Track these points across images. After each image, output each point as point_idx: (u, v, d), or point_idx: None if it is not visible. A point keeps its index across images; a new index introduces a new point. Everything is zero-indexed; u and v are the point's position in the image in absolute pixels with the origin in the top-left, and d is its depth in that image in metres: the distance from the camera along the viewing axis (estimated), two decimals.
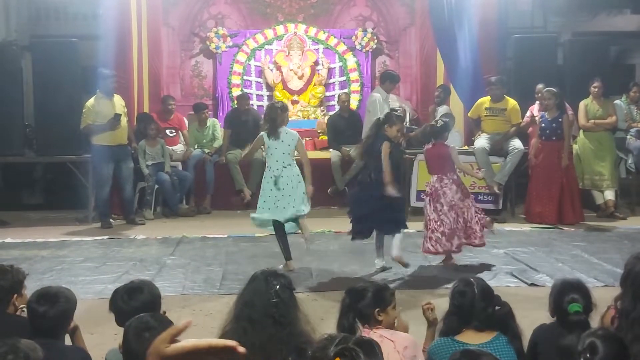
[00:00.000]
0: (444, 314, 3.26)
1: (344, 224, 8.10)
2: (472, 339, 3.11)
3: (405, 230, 6.37)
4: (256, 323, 3.03)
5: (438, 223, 6.11)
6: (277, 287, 3.08)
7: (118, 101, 8.59)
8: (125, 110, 8.73)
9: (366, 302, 3.30)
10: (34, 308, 3.12)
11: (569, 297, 3.23)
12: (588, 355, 2.44)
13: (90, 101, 8.46)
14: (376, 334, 3.22)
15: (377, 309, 3.29)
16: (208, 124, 9.79)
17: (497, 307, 3.18)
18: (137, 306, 3.17)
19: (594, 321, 3.35)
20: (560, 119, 8.30)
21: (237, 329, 3.07)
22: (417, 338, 3.45)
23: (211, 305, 5.24)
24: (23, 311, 3.47)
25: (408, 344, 3.23)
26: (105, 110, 8.39)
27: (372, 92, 9.69)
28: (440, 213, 6.12)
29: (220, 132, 9.80)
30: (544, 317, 3.49)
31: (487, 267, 6.37)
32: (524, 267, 6.31)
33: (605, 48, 10.02)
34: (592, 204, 8.96)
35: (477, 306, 3.13)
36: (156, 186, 9.06)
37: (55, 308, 3.13)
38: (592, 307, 3.27)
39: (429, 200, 6.23)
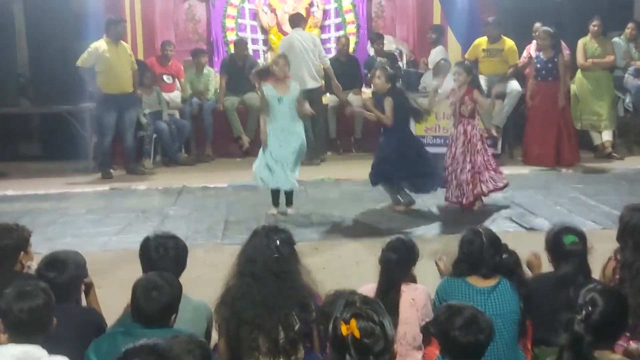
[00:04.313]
0: (454, 260, 3.34)
1: (342, 171, 8.18)
2: (478, 283, 3.21)
3: None
4: (259, 278, 3.09)
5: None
6: (278, 242, 3.14)
7: (124, 48, 8.48)
8: (132, 57, 8.64)
9: (411, 258, 3.38)
10: (43, 275, 3.15)
11: (566, 234, 3.32)
12: (589, 308, 2.52)
13: (96, 44, 8.27)
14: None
15: (413, 267, 3.41)
16: (205, 72, 9.69)
17: (504, 256, 3.26)
18: (168, 258, 3.25)
19: (595, 272, 3.42)
20: (555, 59, 8.25)
21: (241, 285, 3.14)
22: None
23: (214, 256, 5.28)
24: (29, 268, 3.53)
25: (425, 300, 3.33)
26: (110, 57, 8.26)
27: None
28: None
29: (214, 83, 9.70)
30: (543, 261, 3.58)
31: (487, 211, 6.40)
32: (523, 211, 6.37)
33: None
34: (590, 144, 8.98)
35: (486, 254, 3.22)
36: (154, 135, 9.03)
37: (64, 275, 3.17)
38: (588, 250, 3.35)
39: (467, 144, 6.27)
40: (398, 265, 3.31)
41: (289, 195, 6.53)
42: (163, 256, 3.26)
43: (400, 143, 6.24)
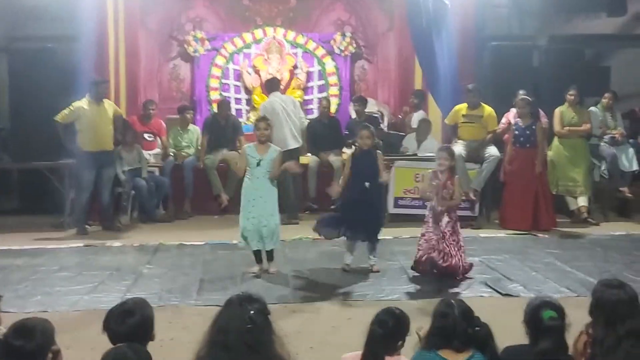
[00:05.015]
0: (427, 332, 3.31)
1: None
2: (451, 356, 3.18)
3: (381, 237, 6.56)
4: (230, 349, 3.01)
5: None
6: (252, 312, 3.07)
7: (105, 107, 8.50)
8: (114, 108, 8.68)
9: (400, 333, 3.33)
10: (9, 343, 3.10)
11: (545, 309, 3.30)
12: None
13: (78, 103, 8.32)
14: None
15: (401, 341, 3.34)
16: (190, 128, 9.78)
17: (476, 328, 3.24)
18: (128, 330, 3.18)
19: (568, 342, 3.40)
20: (533, 127, 8.43)
21: (212, 355, 3.07)
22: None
23: (187, 318, 5.19)
24: None
25: None
26: (91, 116, 8.30)
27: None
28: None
29: (196, 141, 9.78)
30: (518, 328, 3.55)
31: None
32: (499, 276, 6.36)
33: (580, 51, 10.17)
34: (566, 209, 9.07)
35: (458, 327, 3.19)
36: (132, 192, 9.00)
37: (31, 343, 3.11)
38: (566, 327, 3.32)
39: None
40: (384, 339, 3.27)
41: (271, 251, 6.58)
42: (126, 328, 3.22)
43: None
